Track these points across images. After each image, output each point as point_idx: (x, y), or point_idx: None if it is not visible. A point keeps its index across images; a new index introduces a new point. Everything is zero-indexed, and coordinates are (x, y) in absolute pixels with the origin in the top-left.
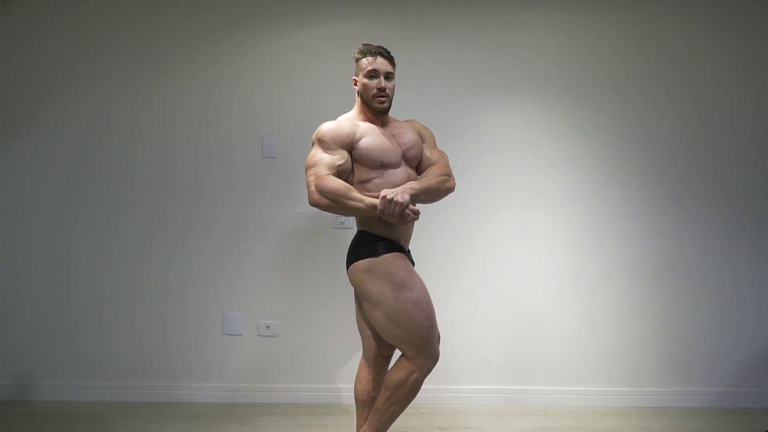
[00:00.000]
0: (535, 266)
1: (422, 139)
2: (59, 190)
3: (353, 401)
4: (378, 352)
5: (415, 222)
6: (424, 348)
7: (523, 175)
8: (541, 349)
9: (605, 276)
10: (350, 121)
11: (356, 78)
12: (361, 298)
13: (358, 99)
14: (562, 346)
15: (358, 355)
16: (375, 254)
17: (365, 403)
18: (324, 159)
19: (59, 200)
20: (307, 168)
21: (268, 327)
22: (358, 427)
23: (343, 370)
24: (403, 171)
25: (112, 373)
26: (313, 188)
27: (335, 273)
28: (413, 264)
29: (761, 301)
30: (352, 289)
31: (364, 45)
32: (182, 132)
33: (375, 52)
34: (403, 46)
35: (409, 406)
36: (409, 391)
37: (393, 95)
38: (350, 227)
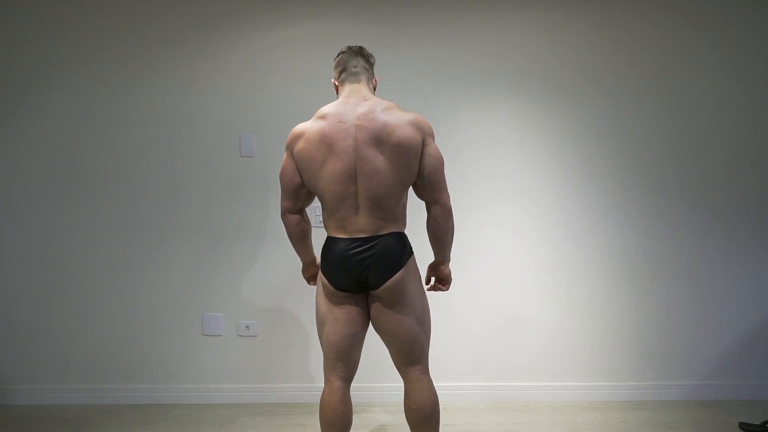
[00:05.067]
0: (514, 263)
1: None
2: (34, 189)
3: None
4: (352, 374)
5: None
6: (428, 350)
7: (500, 171)
8: (521, 345)
9: (583, 272)
10: None
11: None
12: (396, 302)
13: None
14: (542, 343)
15: None
16: (411, 252)
17: (343, 427)
18: None
19: (34, 200)
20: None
21: (248, 327)
22: None
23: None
24: None
25: (89, 375)
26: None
27: None
28: None
29: (735, 296)
30: None
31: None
32: (159, 130)
33: None
34: (382, 43)
35: (391, 404)
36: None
37: None
38: None
